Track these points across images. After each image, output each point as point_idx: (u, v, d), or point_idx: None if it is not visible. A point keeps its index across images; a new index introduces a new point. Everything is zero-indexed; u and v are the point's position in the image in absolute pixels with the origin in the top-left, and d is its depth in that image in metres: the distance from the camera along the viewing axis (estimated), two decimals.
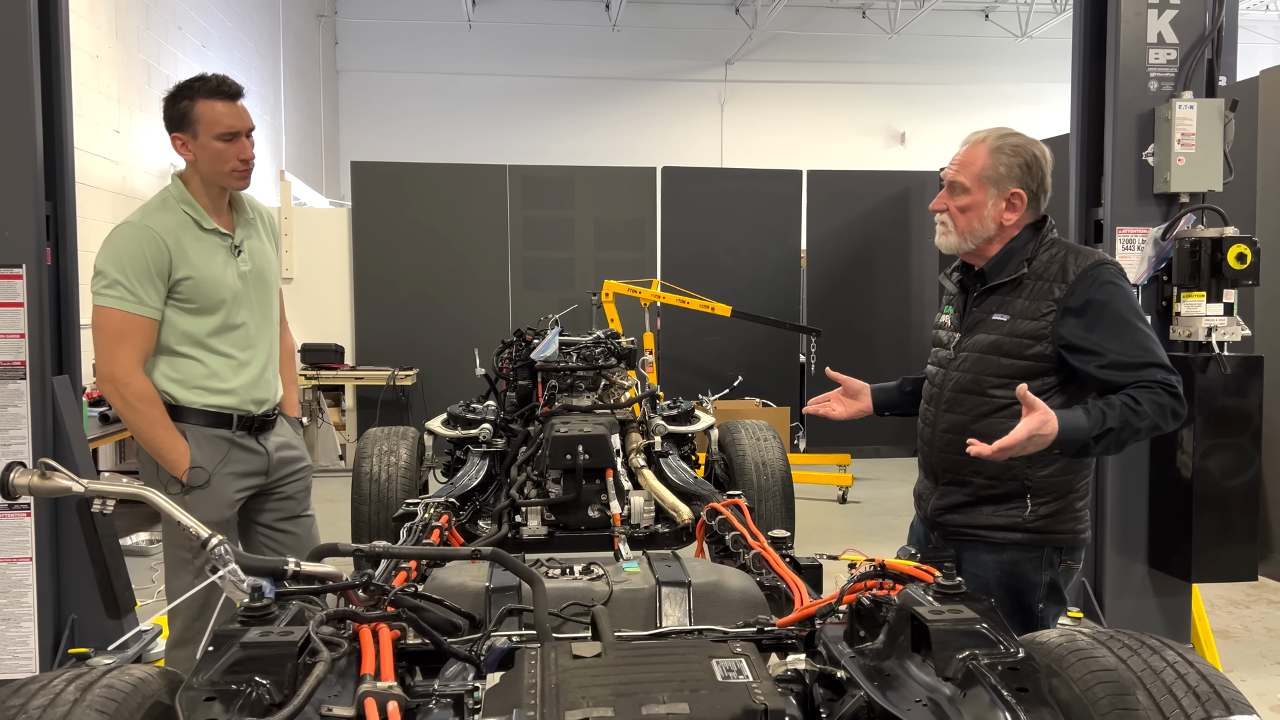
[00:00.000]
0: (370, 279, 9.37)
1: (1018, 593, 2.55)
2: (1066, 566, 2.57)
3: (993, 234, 2.53)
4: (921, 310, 9.88)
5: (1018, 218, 2.52)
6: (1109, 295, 2.42)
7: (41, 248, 3.12)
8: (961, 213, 2.53)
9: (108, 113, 7.28)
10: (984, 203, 2.51)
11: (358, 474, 4.55)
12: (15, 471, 1.79)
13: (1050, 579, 2.55)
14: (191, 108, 2.85)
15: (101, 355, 2.80)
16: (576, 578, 2.23)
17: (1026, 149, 2.51)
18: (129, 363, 2.79)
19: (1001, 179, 2.49)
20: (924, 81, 16.53)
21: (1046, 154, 2.54)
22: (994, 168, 2.49)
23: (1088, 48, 3.65)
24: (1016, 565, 2.54)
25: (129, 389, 2.79)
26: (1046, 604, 2.56)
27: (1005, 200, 2.50)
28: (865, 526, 7.01)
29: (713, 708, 1.49)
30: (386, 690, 1.51)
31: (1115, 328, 2.39)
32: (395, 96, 15.68)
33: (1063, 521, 2.53)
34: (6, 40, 3.01)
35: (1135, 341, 2.38)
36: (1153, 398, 2.32)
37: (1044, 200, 2.54)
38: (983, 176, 2.50)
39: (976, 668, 1.55)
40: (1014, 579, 2.55)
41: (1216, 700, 1.51)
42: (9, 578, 3.07)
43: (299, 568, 1.83)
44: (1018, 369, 2.47)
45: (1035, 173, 2.50)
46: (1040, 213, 2.56)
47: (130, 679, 1.51)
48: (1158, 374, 2.34)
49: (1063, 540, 2.54)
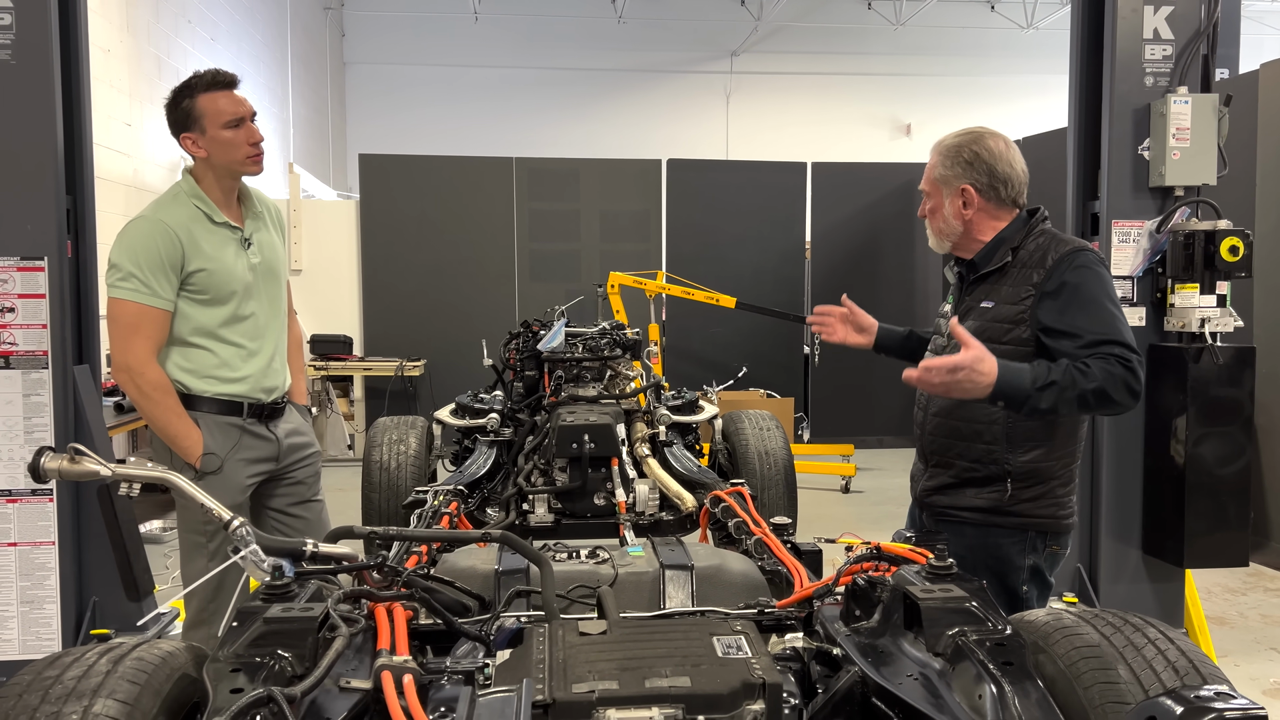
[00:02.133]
0: (378, 271, 9.44)
1: (1001, 574, 2.62)
2: (1051, 552, 2.63)
3: (961, 230, 2.65)
4: (926, 302, 9.92)
5: (975, 212, 2.63)
6: (1081, 278, 2.50)
7: (63, 241, 3.19)
8: (931, 215, 2.70)
9: (119, 106, 7.35)
10: (942, 203, 2.66)
11: (368, 462, 4.62)
12: (46, 456, 1.87)
13: (1033, 563, 2.62)
14: (194, 105, 2.93)
15: (117, 346, 2.87)
16: (583, 561, 2.29)
17: (968, 146, 2.62)
18: (143, 353, 2.86)
19: (949, 178, 2.64)
20: (929, 73, 16.51)
21: (996, 147, 2.61)
22: (941, 168, 2.65)
23: (1085, 43, 3.70)
24: (1000, 548, 2.62)
25: (143, 378, 2.86)
26: (1030, 587, 2.63)
27: (958, 196, 2.63)
28: (868, 515, 7.08)
29: (713, 681, 1.55)
30: (402, 664, 1.58)
31: (1085, 308, 2.47)
32: (402, 89, 15.73)
33: (1044, 506, 2.60)
34: (28, 40, 3.08)
35: (1099, 319, 2.45)
36: (1104, 365, 2.38)
37: (1006, 190, 2.61)
38: (936, 179, 2.67)
39: (965, 643, 1.61)
40: (998, 561, 2.62)
41: (1194, 673, 1.58)
42: (32, 561, 3.15)
43: (316, 549, 1.91)
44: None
45: (980, 166, 2.60)
46: (1013, 202, 2.64)
47: (159, 652, 1.58)
48: (1115, 349, 2.40)
49: (1044, 524, 2.61)
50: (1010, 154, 2.63)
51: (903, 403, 9.94)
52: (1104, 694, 1.56)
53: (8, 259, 3.11)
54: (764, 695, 1.55)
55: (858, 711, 1.71)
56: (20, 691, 1.47)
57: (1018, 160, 2.65)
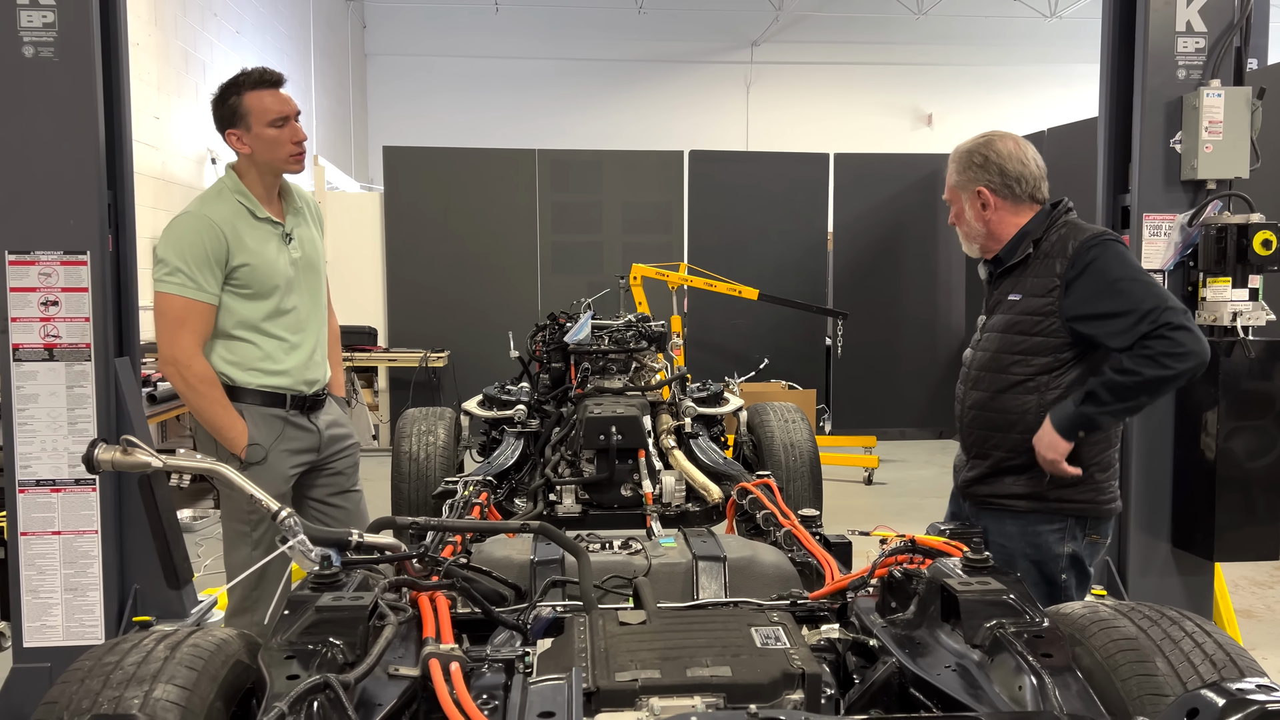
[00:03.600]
0: (402, 262, 9.50)
1: (1040, 563, 2.67)
2: (1090, 541, 2.66)
3: (985, 231, 2.74)
4: (949, 293, 9.89)
5: (994, 211, 2.71)
6: (1095, 256, 2.55)
7: (104, 235, 3.24)
8: (958, 221, 2.80)
9: (147, 99, 7.42)
10: (963, 208, 2.76)
11: (397, 453, 4.67)
12: (99, 448, 1.91)
13: (1072, 551, 2.66)
14: (240, 102, 2.98)
15: (164, 339, 2.92)
16: (616, 552, 2.32)
17: (978, 150, 2.71)
18: (190, 346, 2.91)
19: (964, 183, 2.74)
20: (951, 63, 16.41)
21: (1005, 147, 2.69)
22: (957, 175, 2.76)
23: (1116, 36, 3.68)
24: (1039, 535, 2.66)
25: (190, 371, 2.91)
26: (1070, 576, 2.66)
27: (976, 199, 2.71)
28: (891, 507, 7.08)
29: (753, 671, 1.58)
30: (449, 652, 1.62)
31: (1116, 289, 2.52)
32: (423, 80, 15.78)
33: (1082, 491, 2.64)
34: (70, 38, 3.13)
35: (1133, 295, 2.50)
36: (1142, 354, 2.45)
37: (1021, 187, 2.68)
38: (954, 186, 2.78)
39: (1004, 636, 1.64)
40: (1037, 549, 2.66)
41: (1232, 666, 1.59)
42: (76, 549, 3.21)
43: (361, 539, 1.95)
44: (1030, 345, 2.63)
45: (991, 168, 2.68)
46: (1030, 198, 2.70)
47: (214, 639, 1.62)
48: (1143, 326, 2.45)
49: (1083, 509, 2.65)
50: (1021, 152, 2.70)
51: (925, 395, 9.98)
52: (1142, 686, 1.57)
53: (51, 253, 3.17)
54: (803, 685, 1.58)
55: (895, 702, 1.73)
56: (82, 677, 1.51)
57: (1030, 157, 2.71)
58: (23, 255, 3.14)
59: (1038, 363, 2.62)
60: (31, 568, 3.19)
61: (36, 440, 3.16)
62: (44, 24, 3.09)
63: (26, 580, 3.19)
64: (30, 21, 3.08)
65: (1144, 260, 3.52)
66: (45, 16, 3.08)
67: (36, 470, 3.18)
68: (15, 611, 3.20)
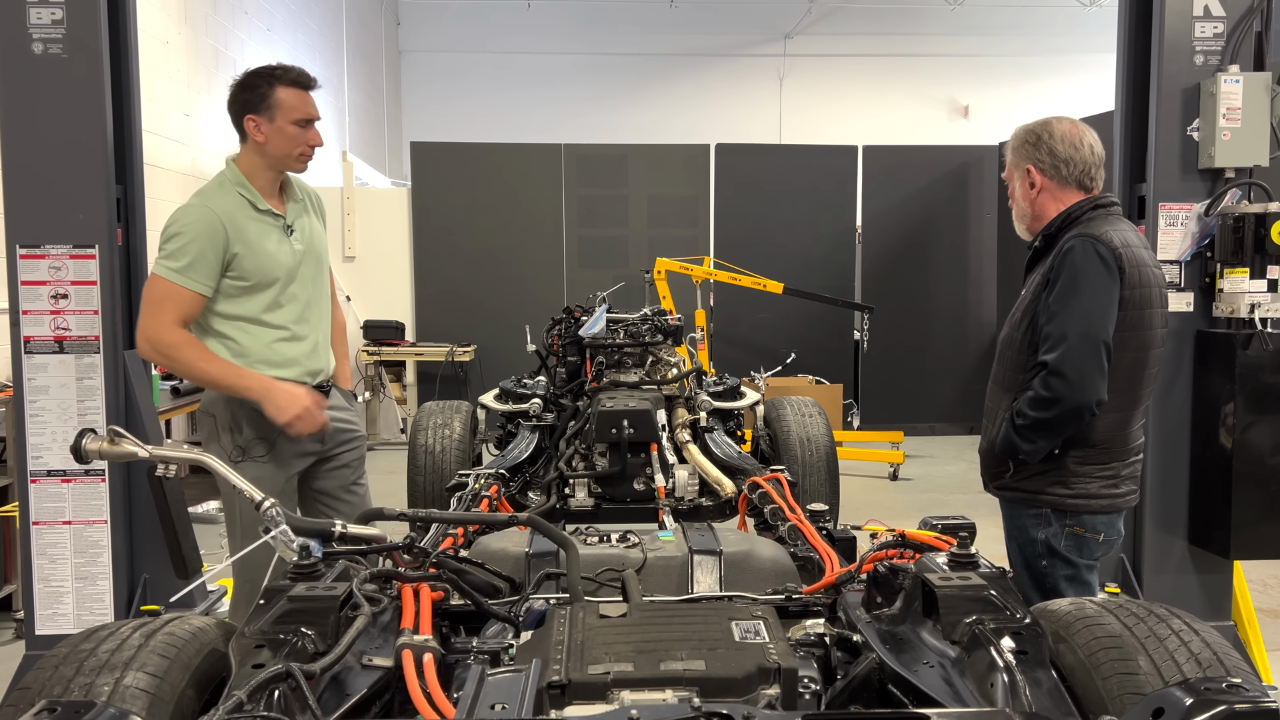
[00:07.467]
0: (430, 257, 9.56)
1: (1021, 546, 2.72)
2: (1072, 532, 2.63)
3: (1030, 212, 2.73)
4: (979, 287, 9.77)
5: (1040, 192, 2.69)
6: (1061, 261, 2.54)
7: (113, 229, 3.29)
8: (1011, 200, 2.81)
9: (178, 97, 7.52)
10: (1015, 187, 2.77)
11: (413, 446, 4.70)
12: (87, 438, 1.94)
13: (1045, 538, 2.65)
14: (272, 92, 3.01)
15: (141, 319, 2.93)
16: (613, 545, 2.32)
17: (1034, 130, 2.69)
18: (163, 322, 2.87)
19: (1018, 161, 2.73)
20: (988, 53, 16.18)
21: (1061, 129, 2.66)
22: (1013, 152, 2.75)
23: (1133, 22, 3.62)
24: (1020, 519, 2.71)
25: (162, 341, 2.88)
26: (1049, 563, 2.66)
27: (1025, 178, 2.71)
28: (915, 503, 7.01)
29: (727, 665, 1.56)
30: (423, 643, 1.62)
31: (1057, 299, 2.53)
32: (455, 76, 15.85)
33: (1049, 484, 2.63)
34: (78, 35, 3.18)
35: (1053, 314, 2.52)
36: (1027, 395, 2.56)
37: (1069, 169, 2.65)
38: (1010, 164, 2.77)
39: (982, 632, 1.61)
40: (1020, 531, 2.72)
41: (1217, 665, 1.56)
42: (86, 539, 3.28)
43: (345, 530, 1.96)
44: (1019, 341, 2.66)
45: (1043, 147, 2.66)
46: (1078, 184, 2.66)
47: (190, 628, 1.64)
48: (1049, 353, 2.50)
49: (1052, 502, 2.64)
50: (1076, 136, 2.66)
51: (956, 390, 9.85)
52: (1122, 684, 1.54)
53: (60, 247, 3.22)
54: (779, 680, 1.56)
55: (875, 697, 1.71)
56: (57, 664, 1.54)
57: (1085, 142, 2.66)
58: (33, 249, 3.21)
59: (1019, 360, 2.64)
60: (43, 556, 3.25)
61: (47, 431, 3.22)
62: (53, 20, 3.14)
63: (39, 569, 3.26)
64: (39, 18, 3.13)
65: (1159, 251, 3.45)
66: (54, 13, 3.14)
67: (48, 461, 3.24)
68: (27, 599, 3.27)
